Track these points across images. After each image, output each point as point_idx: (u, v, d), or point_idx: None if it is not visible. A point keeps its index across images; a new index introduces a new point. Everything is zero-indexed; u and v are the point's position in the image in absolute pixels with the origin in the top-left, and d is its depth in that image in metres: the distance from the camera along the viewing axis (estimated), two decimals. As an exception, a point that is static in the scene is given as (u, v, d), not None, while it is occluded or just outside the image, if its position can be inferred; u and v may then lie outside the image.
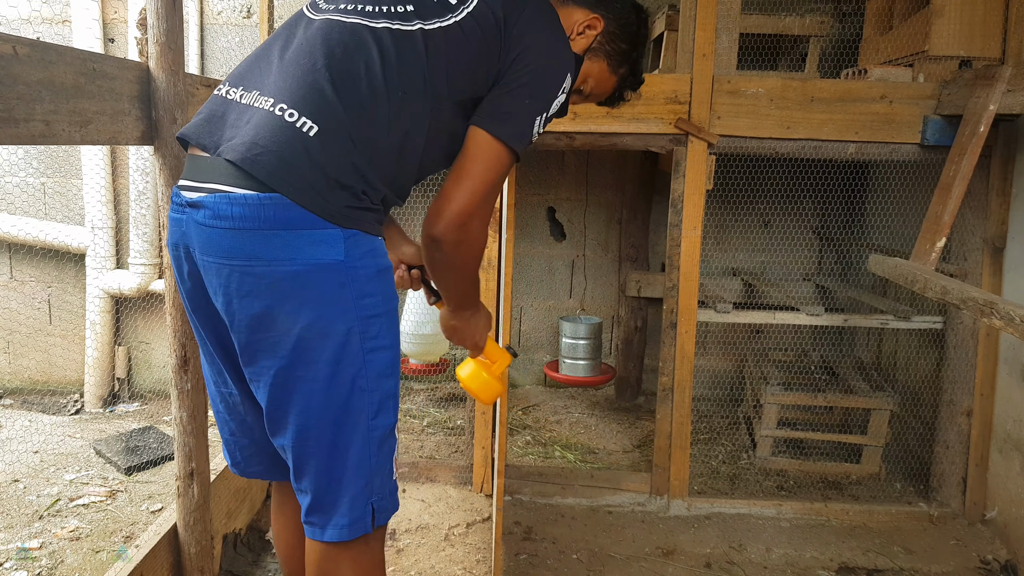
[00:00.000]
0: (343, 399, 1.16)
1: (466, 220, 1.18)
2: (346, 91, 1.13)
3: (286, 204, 1.09)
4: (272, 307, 1.11)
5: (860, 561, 2.18)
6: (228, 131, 1.15)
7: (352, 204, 1.13)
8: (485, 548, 2.17)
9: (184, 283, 1.22)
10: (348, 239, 1.12)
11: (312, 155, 1.10)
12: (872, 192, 3.21)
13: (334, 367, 1.14)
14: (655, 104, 2.26)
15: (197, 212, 1.13)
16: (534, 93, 1.23)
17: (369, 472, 1.19)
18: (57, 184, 3.49)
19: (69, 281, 3.53)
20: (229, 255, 1.11)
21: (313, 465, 1.18)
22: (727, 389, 3.48)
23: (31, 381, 3.60)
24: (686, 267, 2.33)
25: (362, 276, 1.14)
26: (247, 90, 1.18)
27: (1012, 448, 2.26)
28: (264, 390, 1.17)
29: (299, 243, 1.10)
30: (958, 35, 2.27)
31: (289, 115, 1.11)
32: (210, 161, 1.14)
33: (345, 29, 1.19)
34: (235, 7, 3.44)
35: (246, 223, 1.09)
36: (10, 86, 1.16)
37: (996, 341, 2.35)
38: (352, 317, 1.14)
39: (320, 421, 1.16)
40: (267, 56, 1.22)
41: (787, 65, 3.08)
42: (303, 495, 1.21)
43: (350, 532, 1.19)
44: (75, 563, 2.10)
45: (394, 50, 1.17)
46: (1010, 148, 2.28)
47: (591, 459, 2.81)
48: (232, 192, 1.10)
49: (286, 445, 1.19)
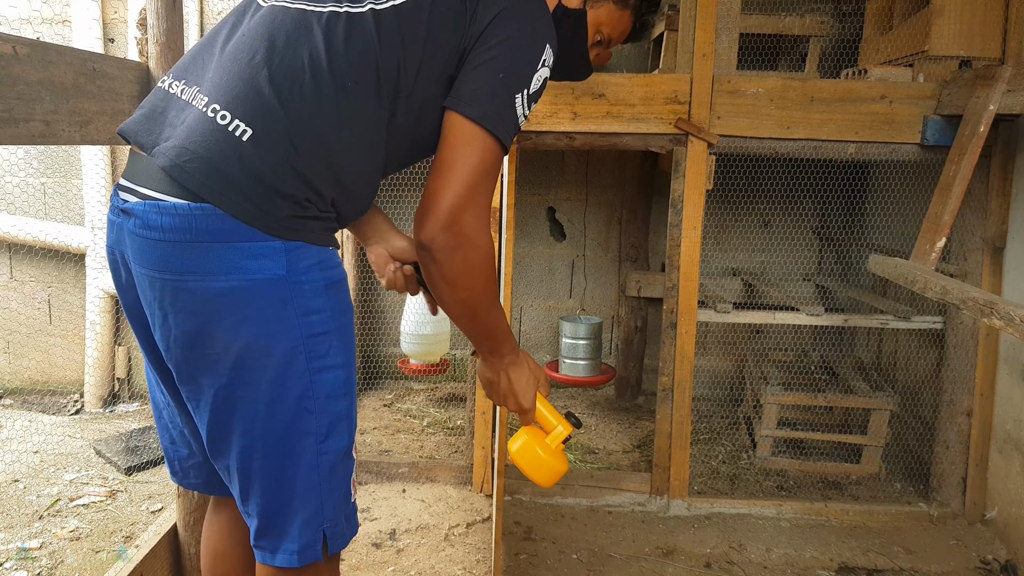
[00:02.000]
0: (287, 421, 1.07)
1: (455, 218, 1.04)
2: (286, 87, 1.03)
3: (218, 215, 1.00)
4: (209, 324, 1.03)
5: (860, 561, 2.18)
6: (166, 130, 1.06)
7: (294, 213, 1.03)
8: (485, 548, 2.17)
9: (123, 290, 1.13)
10: (291, 252, 1.03)
11: (246, 162, 1.00)
12: (872, 192, 3.21)
13: (277, 388, 1.05)
14: (655, 104, 2.26)
15: (128, 219, 1.04)
16: (508, 66, 1.08)
17: (319, 497, 1.11)
18: (57, 184, 3.49)
19: (69, 281, 3.53)
20: (161, 268, 1.02)
21: (258, 488, 1.09)
22: (727, 389, 3.48)
23: (31, 381, 3.60)
24: (686, 267, 2.33)
25: (307, 291, 1.05)
26: (188, 84, 1.09)
27: (1012, 448, 2.26)
28: (204, 411, 1.08)
29: (235, 256, 1.01)
30: (958, 35, 2.27)
31: (221, 117, 1.02)
32: (145, 162, 1.05)
33: (288, 16, 1.08)
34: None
35: (176, 234, 1.00)
36: (10, 86, 1.16)
37: (996, 341, 2.35)
38: (296, 335, 1.05)
39: (264, 444, 1.07)
40: (211, 46, 1.12)
41: (787, 65, 3.08)
42: (250, 518, 1.13)
43: (300, 559, 1.11)
44: (75, 563, 2.10)
45: (342, 35, 1.06)
46: (1010, 148, 2.28)
47: (591, 459, 2.81)
48: (162, 200, 1.01)
49: (231, 466, 1.10)
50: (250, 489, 1.10)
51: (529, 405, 1.28)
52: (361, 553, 2.14)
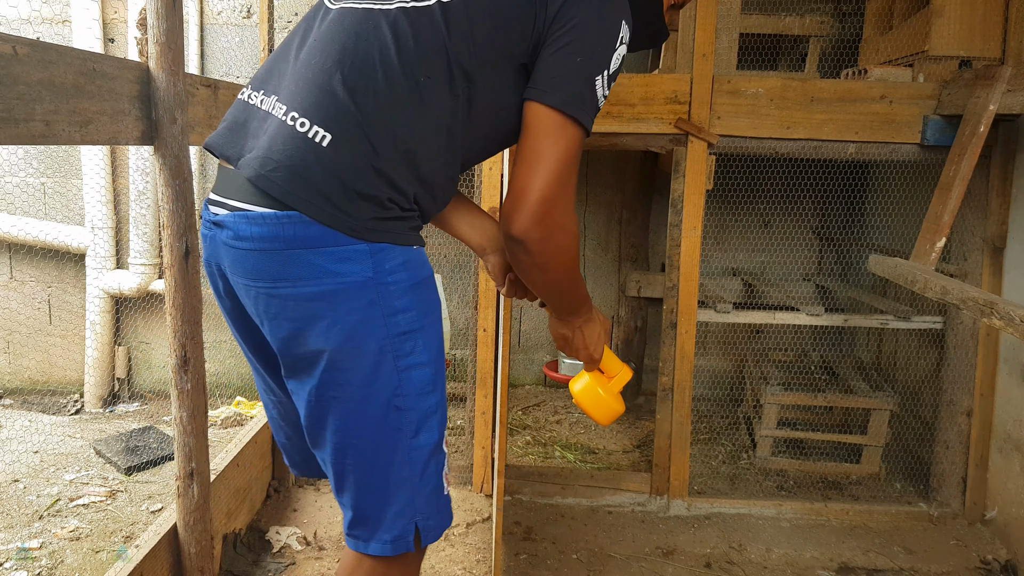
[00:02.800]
0: (379, 419, 1.10)
1: (547, 209, 1.05)
2: (360, 88, 1.04)
3: (305, 222, 1.02)
4: (301, 329, 1.06)
5: (860, 561, 2.18)
6: (249, 141, 1.08)
7: (377, 215, 1.04)
8: (485, 548, 2.17)
9: (222, 300, 1.19)
10: (376, 254, 1.05)
11: (327, 167, 1.02)
12: (872, 192, 3.21)
13: (367, 388, 1.08)
14: (655, 104, 2.26)
15: (220, 231, 1.08)
16: (585, 50, 1.07)
17: (411, 491, 1.14)
18: (57, 184, 3.49)
19: (69, 281, 3.53)
20: (254, 276, 1.06)
21: (352, 482, 1.13)
22: (727, 389, 3.48)
23: (31, 381, 3.60)
24: (686, 267, 2.33)
25: (393, 291, 1.07)
26: (267, 94, 1.11)
27: (1012, 448, 2.26)
28: (302, 406, 1.13)
29: (323, 261, 1.03)
30: (958, 35, 2.27)
31: (300, 124, 1.03)
32: (232, 175, 1.08)
33: (356, 17, 1.08)
34: (235, 7, 3.44)
35: (266, 243, 1.03)
36: (10, 86, 1.16)
37: (996, 341, 2.35)
38: (383, 336, 1.07)
39: (357, 441, 1.11)
40: (285, 55, 1.14)
41: (787, 65, 3.08)
42: (345, 508, 1.17)
43: (393, 548, 1.14)
44: (75, 563, 2.10)
45: (410, 31, 1.05)
46: (1010, 148, 2.28)
47: (591, 459, 2.81)
48: (250, 211, 1.04)
49: (325, 459, 1.15)
50: (344, 482, 1.14)
51: (599, 356, 1.35)
52: (361, 553, 2.14)
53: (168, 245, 1.60)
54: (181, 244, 1.60)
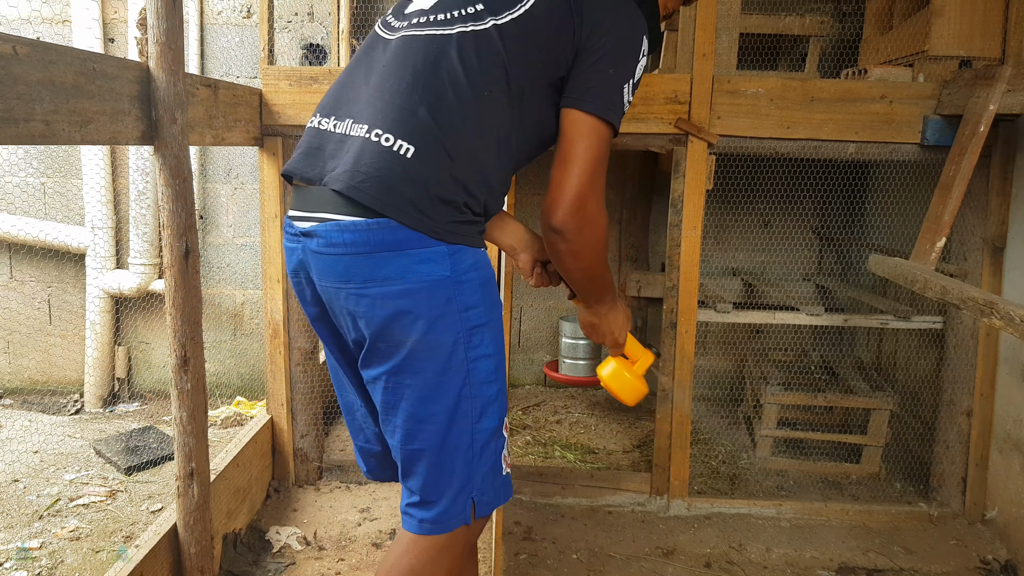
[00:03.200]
0: (449, 406, 1.21)
1: (582, 203, 1.21)
2: (435, 105, 1.17)
3: (394, 227, 1.14)
4: (388, 324, 1.17)
5: (860, 561, 2.18)
6: (329, 162, 1.20)
7: (455, 219, 1.18)
8: (485, 548, 2.17)
9: (309, 306, 1.30)
10: (453, 255, 1.18)
11: (412, 176, 1.14)
12: (872, 192, 3.21)
13: (441, 376, 1.20)
14: (655, 104, 2.26)
15: (311, 241, 1.19)
16: (615, 63, 1.25)
17: (470, 471, 1.25)
18: (57, 184, 3.49)
19: (69, 281, 3.53)
20: (345, 279, 1.18)
21: (421, 467, 1.24)
22: (727, 389, 3.48)
23: (31, 381, 3.60)
24: (686, 267, 2.33)
25: (466, 289, 1.20)
26: (339, 119, 1.23)
27: (1012, 448, 2.26)
28: (378, 394, 1.24)
29: (408, 263, 1.15)
30: (958, 35, 2.27)
31: (385, 140, 1.16)
32: (317, 192, 1.20)
33: (422, 43, 1.23)
34: (235, 7, 3.44)
35: (357, 248, 1.15)
36: (10, 86, 1.16)
37: (996, 341, 2.35)
38: (457, 329, 1.20)
39: (427, 426, 1.22)
40: (352, 83, 1.27)
41: (787, 65, 3.08)
42: (409, 492, 1.27)
43: (451, 525, 1.25)
44: (75, 563, 2.10)
45: (473, 53, 1.20)
46: (1010, 148, 2.28)
47: (591, 459, 2.81)
48: (341, 220, 1.16)
49: (395, 445, 1.26)
50: (412, 466, 1.25)
51: (623, 341, 1.51)
52: (361, 553, 2.14)
53: (168, 245, 1.60)
54: (181, 244, 1.60)
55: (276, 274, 2.40)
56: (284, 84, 2.30)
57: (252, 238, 3.54)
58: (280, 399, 2.46)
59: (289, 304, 2.43)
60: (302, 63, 3.43)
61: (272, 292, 2.41)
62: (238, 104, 2.15)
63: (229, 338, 3.62)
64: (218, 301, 3.59)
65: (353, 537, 2.22)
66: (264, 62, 2.31)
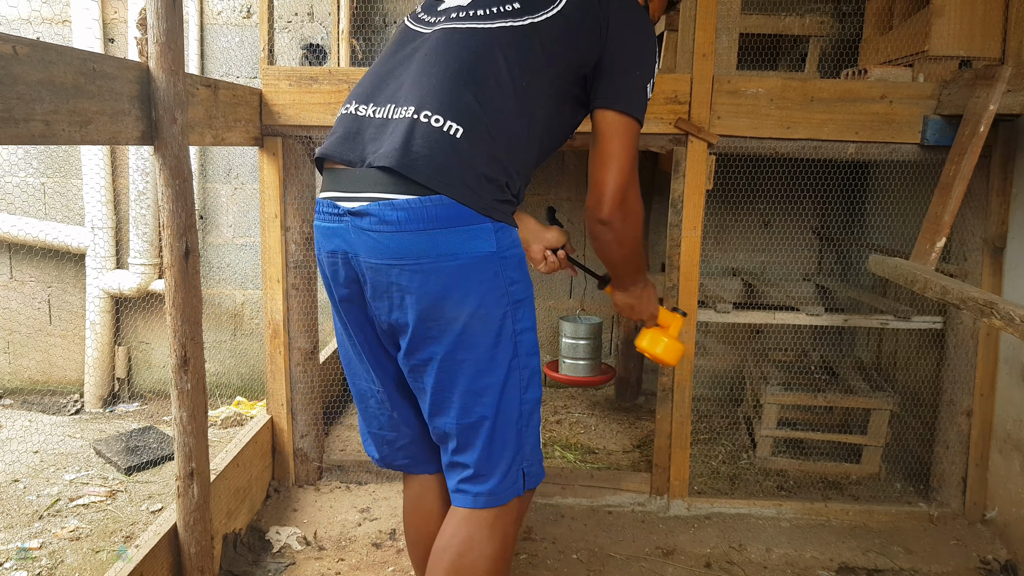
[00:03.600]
0: (502, 378, 1.28)
1: (624, 196, 1.32)
2: (480, 92, 1.24)
3: (447, 203, 1.19)
4: (441, 299, 1.22)
5: (860, 561, 2.18)
6: (370, 145, 1.25)
7: (498, 197, 1.24)
8: (485, 548, 2.17)
9: (339, 288, 1.32)
10: (498, 231, 1.24)
11: (462, 155, 1.21)
12: (872, 192, 3.21)
13: (493, 350, 1.26)
14: (655, 104, 2.26)
15: (362, 220, 1.23)
16: (640, 65, 1.35)
17: (521, 441, 1.32)
18: (57, 184, 3.49)
19: (69, 281, 3.53)
20: (398, 256, 1.21)
21: (478, 439, 1.29)
22: (727, 389, 3.48)
23: (31, 381, 3.60)
24: (686, 267, 2.33)
25: (510, 265, 1.27)
26: (379, 106, 1.29)
27: (1012, 448, 2.26)
28: (431, 375, 1.28)
29: (460, 239, 1.21)
30: (958, 35, 2.27)
31: (435, 120, 1.21)
32: (360, 172, 1.25)
33: (464, 36, 1.30)
34: (235, 7, 3.44)
35: (412, 225, 1.19)
36: (10, 86, 1.16)
37: (996, 341, 2.35)
38: (505, 303, 1.27)
39: (483, 399, 1.28)
40: (390, 73, 1.33)
41: (787, 65, 3.08)
42: (461, 469, 1.32)
43: (508, 496, 1.31)
44: (75, 563, 2.10)
45: (513, 48, 1.28)
46: (1010, 148, 2.28)
47: (591, 459, 2.81)
48: (395, 199, 1.20)
49: (449, 423, 1.30)
50: (469, 439, 1.30)
51: (657, 313, 1.65)
52: (361, 553, 2.14)
53: (168, 245, 1.60)
54: (181, 244, 1.60)
55: (276, 274, 2.40)
56: (284, 84, 2.30)
57: (252, 238, 3.54)
58: (280, 399, 2.46)
59: (289, 304, 2.43)
60: (302, 63, 3.43)
61: (272, 292, 2.41)
62: (238, 104, 2.15)
63: (229, 338, 3.62)
64: (218, 301, 3.59)
65: (353, 537, 2.22)
66: (264, 62, 2.31)
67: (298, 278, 2.42)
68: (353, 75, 2.31)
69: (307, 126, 2.33)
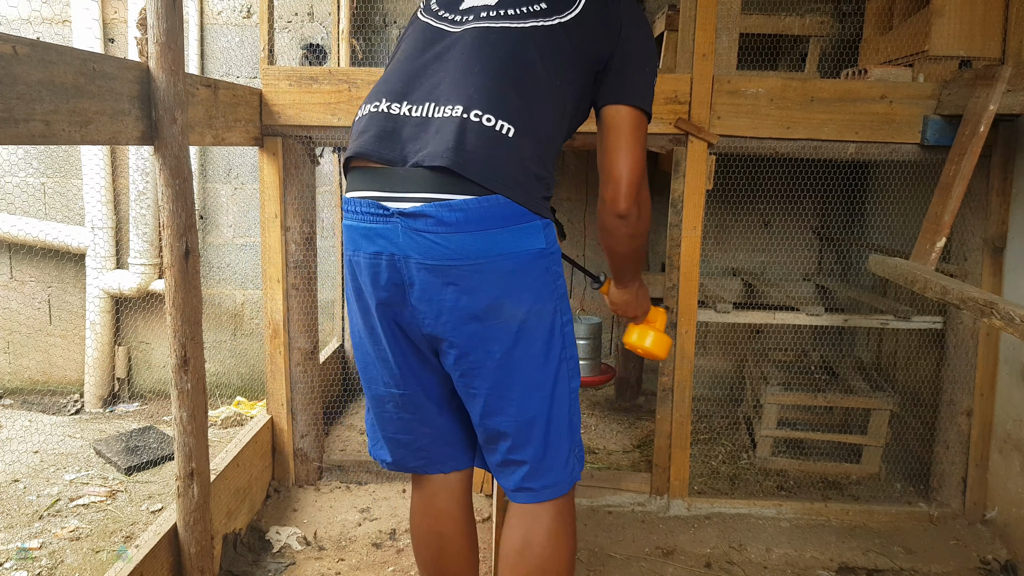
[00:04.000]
0: (555, 370, 1.31)
1: (637, 188, 1.34)
2: (523, 89, 1.26)
3: (502, 203, 1.21)
4: (499, 297, 1.23)
5: (860, 561, 2.18)
6: (410, 144, 1.24)
7: (543, 194, 1.28)
8: (485, 548, 2.17)
9: (378, 291, 1.28)
10: (545, 227, 1.27)
11: (515, 154, 1.22)
12: (872, 192, 3.21)
13: (546, 343, 1.29)
14: (655, 104, 2.23)
15: (416, 221, 1.21)
16: (647, 62, 1.40)
17: (573, 429, 1.36)
18: (57, 184, 3.49)
19: (69, 281, 3.53)
20: (458, 256, 1.21)
21: (535, 436, 1.31)
22: (727, 389, 3.48)
23: (31, 381, 3.60)
24: (686, 267, 2.33)
25: (555, 260, 1.31)
26: (415, 103, 1.28)
27: (1012, 448, 2.26)
28: (488, 376, 1.28)
29: (516, 237, 1.23)
30: (958, 35, 2.27)
31: (487, 120, 1.22)
32: (407, 172, 1.23)
33: (499, 35, 1.31)
34: (235, 7, 3.44)
35: (470, 226, 1.20)
36: (10, 86, 1.16)
37: (996, 341, 2.35)
38: (555, 297, 1.30)
39: (538, 392, 1.30)
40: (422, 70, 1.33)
41: (787, 65, 3.08)
42: (518, 466, 1.33)
43: (567, 487, 1.35)
44: (75, 563, 2.10)
45: (546, 45, 1.31)
46: (1010, 148, 2.28)
47: (591, 459, 2.81)
48: (452, 199, 1.20)
49: (506, 422, 1.31)
50: (527, 439, 1.32)
51: (648, 309, 1.67)
52: (361, 553, 2.14)
53: (168, 245, 1.60)
54: (181, 244, 1.60)
55: (276, 274, 2.40)
56: (284, 84, 2.30)
57: (252, 238, 3.54)
58: (280, 399, 2.46)
59: (289, 304, 2.43)
60: (302, 63, 3.43)
61: (272, 292, 2.41)
62: (238, 104, 2.15)
63: (229, 338, 3.62)
64: (218, 301, 3.59)
65: (353, 537, 2.22)
66: (264, 62, 2.31)
67: (298, 278, 2.42)
68: (353, 75, 2.32)
69: (307, 126, 2.33)
